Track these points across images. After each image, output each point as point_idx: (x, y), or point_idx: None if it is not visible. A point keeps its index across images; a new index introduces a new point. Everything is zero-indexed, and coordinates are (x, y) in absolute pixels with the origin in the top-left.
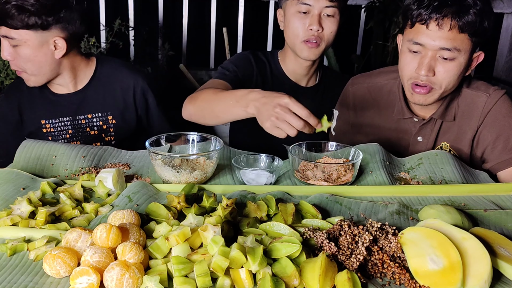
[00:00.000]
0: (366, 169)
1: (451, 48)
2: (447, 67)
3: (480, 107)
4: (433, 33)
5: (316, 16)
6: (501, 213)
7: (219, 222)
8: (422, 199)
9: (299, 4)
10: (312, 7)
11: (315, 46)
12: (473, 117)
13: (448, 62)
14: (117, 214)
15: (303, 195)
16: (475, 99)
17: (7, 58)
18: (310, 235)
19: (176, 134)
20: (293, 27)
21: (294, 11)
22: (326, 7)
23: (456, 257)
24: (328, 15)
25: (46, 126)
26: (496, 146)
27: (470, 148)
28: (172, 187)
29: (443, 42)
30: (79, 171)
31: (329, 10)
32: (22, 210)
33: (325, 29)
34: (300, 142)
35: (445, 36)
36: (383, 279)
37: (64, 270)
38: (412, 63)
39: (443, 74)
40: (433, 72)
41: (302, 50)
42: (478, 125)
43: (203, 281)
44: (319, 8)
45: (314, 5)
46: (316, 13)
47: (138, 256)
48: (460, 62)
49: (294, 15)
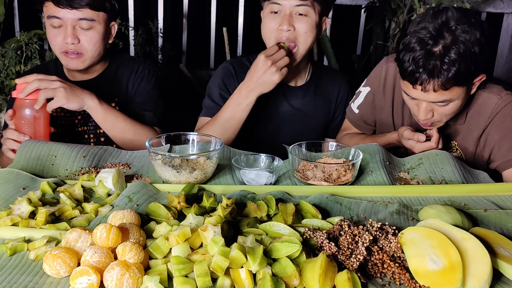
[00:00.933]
0: (366, 169)
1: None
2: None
3: (490, 108)
4: (420, 92)
5: (287, 15)
6: (501, 213)
7: (219, 222)
8: (422, 199)
9: (270, 4)
10: (283, 7)
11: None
12: (481, 117)
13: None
14: (117, 214)
15: (303, 195)
16: (486, 100)
17: (75, 41)
18: (310, 235)
19: (176, 134)
20: (266, 28)
21: (268, 12)
22: (297, 5)
23: (456, 257)
24: (300, 14)
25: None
26: (502, 145)
27: (476, 147)
28: (172, 187)
29: (433, 98)
30: (79, 171)
31: (301, 9)
32: (22, 210)
33: (297, 29)
34: (300, 142)
35: (433, 94)
36: (383, 279)
37: (64, 270)
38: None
39: (442, 114)
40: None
41: None
42: (485, 125)
43: (203, 281)
44: (289, 7)
45: (284, 4)
46: (287, 13)
47: (138, 256)
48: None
49: (267, 15)
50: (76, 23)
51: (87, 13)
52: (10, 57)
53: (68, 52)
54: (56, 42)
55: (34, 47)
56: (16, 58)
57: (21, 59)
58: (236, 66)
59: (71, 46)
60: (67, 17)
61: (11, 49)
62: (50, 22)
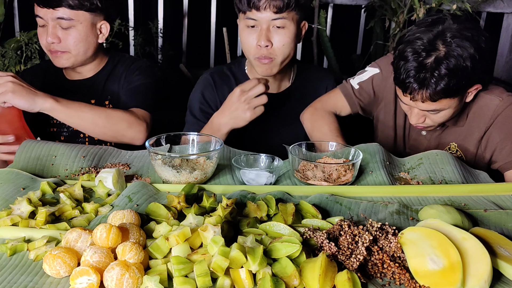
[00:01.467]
0: (366, 169)
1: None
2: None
3: (492, 110)
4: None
5: (264, 30)
6: (501, 213)
7: (219, 222)
8: (422, 199)
9: (246, 19)
10: (259, 21)
11: (268, 62)
12: (482, 119)
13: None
14: (117, 214)
15: (303, 195)
16: (488, 102)
17: (54, 40)
18: (310, 235)
19: (176, 134)
20: (243, 43)
21: (243, 26)
22: (273, 19)
23: (456, 257)
24: (278, 26)
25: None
26: (504, 146)
27: (477, 148)
28: (172, 187)
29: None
30: (79, 171)
31: (278, 22)
32: (22, 210)
33: (274, 43)
34: (300, 142)
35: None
36: (383, 279)
37: (64, 270)
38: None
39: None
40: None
41: (257, 66)
42: (487, 127)
43: (203, 281)
44: (265, 22)
45: (259, 19)
46: (264, 27)
47: (138, 256)
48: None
49: (243, 30)
50: (56, 22)
51: (64, 12)
52: (10, 57)
53: (51, 50)
54: (42, 41)
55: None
56: (16, 58)
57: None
58: (216, 76)
59: (53, 45)
60: (47, 16)
61: (11, 49)
62: (37, 21)
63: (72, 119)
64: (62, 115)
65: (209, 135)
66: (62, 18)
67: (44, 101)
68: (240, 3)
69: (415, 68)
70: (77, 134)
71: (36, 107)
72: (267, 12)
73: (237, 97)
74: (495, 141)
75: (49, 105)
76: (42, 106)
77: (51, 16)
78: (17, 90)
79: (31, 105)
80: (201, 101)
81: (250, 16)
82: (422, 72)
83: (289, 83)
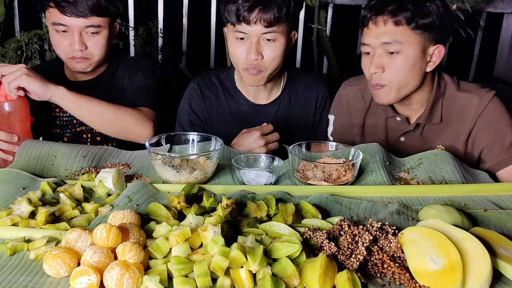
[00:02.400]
0: (366, 169)
1: (391, 41)
2: (395, 61)
3: (473, 109)
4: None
5: (254, 43)
6: (501, 213)
7: (219, 222)
8: (422, 199)
9: (235, 31)
10: (248, 35)
11: (256, 74)
12: (466, 119)
13: (395, 56)
14: (117, 214)
15: (303, 195)
16: (467, 101)
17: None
18: (310, 235)
19: (176, 134)
20: (232, 54)
21: (232, 38)
22: (263, 33)
23: (456, 257)
24: (268, 39)
25: (55, 110)
26: (493, 147)
27: (465, 149)
28: (172, 187)
29: (383, 38)
30: (79, 171)
31: (269, 35)
32: (22, 210)
33: (265, 56)
34: (300, 142)
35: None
36: (383, 279)
37: (64, 270)
38: (366, 64)
39: (392, 69)
40: (382, 69)
41: (246, 77)
42: (471, 127)
43: (203, 281)
44: (256, 35)
45: (249, 32)
46: (254, 41)
47: (138, 256)
48: (407, 55)
49: (232, 41)
50: (83, 30)
51: (93, 20)
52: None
53: (73, 57)
54: (61, 47)
55: (34, 47)
56: (16, 58)
57: (21, 59)
58: (203, 86)
59: (79, 52)
60: (73, 24)
61: (11, 49)
62: (55, 28)
63: (81, 110)
64: (71, 105)
65: (209, 135)
66: (91, 26)
67: (57, 88)
68: (229, 15)
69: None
70: (80, 135)
71: (49, 93)
72: (257, 26)
73: (256, 139)
74: (483, 141)
75: (61, 93)
76: (54, 92)
77: (78, 24)
78: (31, 75)
79: (44, 90)
80: (189, 113)
81: (240, 29)
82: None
83: (279, 92)
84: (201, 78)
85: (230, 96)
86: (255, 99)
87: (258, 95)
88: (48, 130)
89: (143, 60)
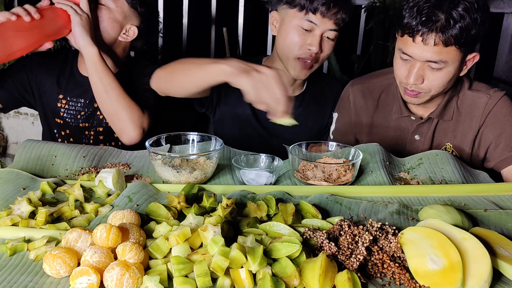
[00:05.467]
0: (366, 169)
1: (438, 61)
2: (436, 76)
3: (481, 108)
4: (419, 47)
5: (318, 36)
6: (501, 213)
7: (219, 222)
8: (422, 199)
9: (303, 19)
10: (317, 27)
11: (308, 67)
12: (474, 118)
13: (436, 71)
14: (117, 214)
15: (303, 195)
16: (476, 100)
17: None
18: (310, 235)
19: (176, 134)
20: (291, 41)
21: (295, 25)
22: (330, 30)
23: (456, 257)
24: (328, 37)
25: (62, 101)
26: (498, 144)
27: (472, 148)
28: (172, 187)
29: (429, 55)
30: (79, 171)
31: (331, 34)
32: (22, 210)
33: (323, 51)
34: (300, 142)
35: (431, 50)
36: (383, 279)
37: (64, 270)
38: (402, 69)
39: (432, 82)
40: (422, 80)
41: (294, 67)
42: (479, 126)
43: (203, 281)
44: (323, 29)
45: (320, 25)
46: (319, 34)
47: (138, 256)
48: (449, 70)
49: (294, 28)
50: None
51: None
52: None
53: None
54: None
55: None
56: None
57: None
58: None
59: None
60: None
61: None
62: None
63: (95, 75)
64: (91, 66)
65: (209, 135)
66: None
67: (91, 46)
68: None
69: (430, 8)
70: (82, 131)
71: (81, 43)
72: (326, 20)
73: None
74: (488, 139)
75: (89, 50)
76: (86, 45)
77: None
78: (83, 22)
79: (81, 38)
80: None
81: (311, 19)
82: (439, 11)
83: (302, 88)
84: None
85: None
86: None
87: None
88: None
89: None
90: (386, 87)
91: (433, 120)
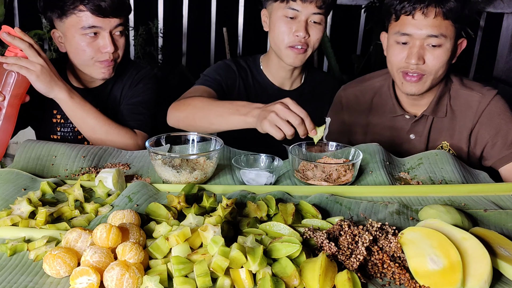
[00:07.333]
0: (366, 169)
1: (438, 35)
2: (436, 54)
3: (475, 106)
4: (419, 22)
5: (303, 22)
6: (501, 213)
7: (219, 222)
8: (422, 199)
9: (286, 8)
10: (300, 13)
11: (301, 52)
12: (468, 116)
13: (436, 49)
14: (117, 214)
15: (303, 195)
16: (468, 98)
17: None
18: (310, 235)
19: (176, 134)
20: (278, 31)
21: (281, 15)
22: (313, 13)
23: (456, 257)
24: (315, 22)
25: (57, 116)
26: (495, 143)
27: (467, 146)
28: (172, 187)
29: (430, 30)
30: (79, 171)
31: (316, 17)
32: (22, 210)
33: (311, 36)
34: (300, 142)
35: (431, 24)
36: (383, 279)
37: (64, 270)
38: (401, 53)
39: (433, 61)
40: (423, 60)
41: (288, 55)
42: (473, 124)
43: (203, 281)
44: (306, 14)
45: (302, 11)
46: (303, 19)
47: (138, 256)
48: (447, 48)
49: (280, 19)
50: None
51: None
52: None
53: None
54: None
55: None
56: None
57: None
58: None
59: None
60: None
61: None
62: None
63: (76, 118)
64: (69, 111)
65: (209, 135)
66: (120, 25)
67: (60, 92)
68: None
69: None
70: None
71: (51, 95)
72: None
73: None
74: (485, 138)
75: (62, 97)
76: (56, 95)
77: (110, 24)
78: (42, 75)
79: (48, 91)
80: (220, 74)
81: (292, 6)
82: None
83: (300, 82)
84: (231, 59)
85: (255, 80)
86: (280, 85)
87: (283, 82)
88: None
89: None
90: (378, 89)
91: (427, 118)
